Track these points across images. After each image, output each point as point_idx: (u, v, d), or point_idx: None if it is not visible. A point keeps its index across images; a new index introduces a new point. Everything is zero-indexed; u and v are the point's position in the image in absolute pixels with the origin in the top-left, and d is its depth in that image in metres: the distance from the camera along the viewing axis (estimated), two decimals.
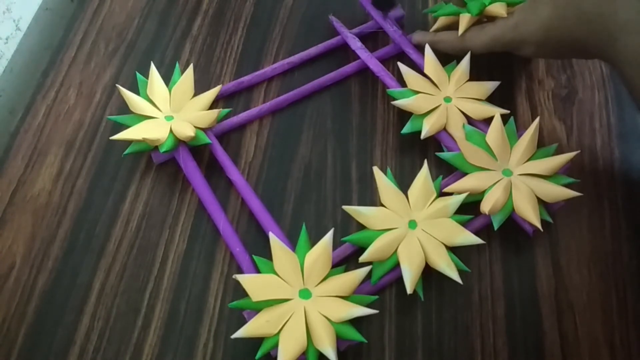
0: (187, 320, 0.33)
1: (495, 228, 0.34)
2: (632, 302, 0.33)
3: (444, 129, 0.38)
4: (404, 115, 0.39)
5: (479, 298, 0.34)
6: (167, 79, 0.40)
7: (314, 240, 0.32)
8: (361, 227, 0.34)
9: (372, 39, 0.45)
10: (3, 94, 0.44)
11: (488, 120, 0.38)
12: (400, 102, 0.39)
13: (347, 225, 0.36)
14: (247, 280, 0.31)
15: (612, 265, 0.35)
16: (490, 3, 0.39)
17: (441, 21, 0.42)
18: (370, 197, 0.37)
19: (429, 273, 0.33)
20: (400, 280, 0.33)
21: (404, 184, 0.36)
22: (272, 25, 0.46)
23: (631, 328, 0.33)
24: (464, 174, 0.36)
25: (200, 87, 0.41)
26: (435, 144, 0.39)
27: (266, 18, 0.47)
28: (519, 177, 0.35)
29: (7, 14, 0.44)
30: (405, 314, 0.33)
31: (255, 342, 0.31)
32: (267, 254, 0.32)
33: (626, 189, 0.37)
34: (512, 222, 0.35)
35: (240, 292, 0.33)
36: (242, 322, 0.31)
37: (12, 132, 0.40)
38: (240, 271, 0.34)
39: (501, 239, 0.36)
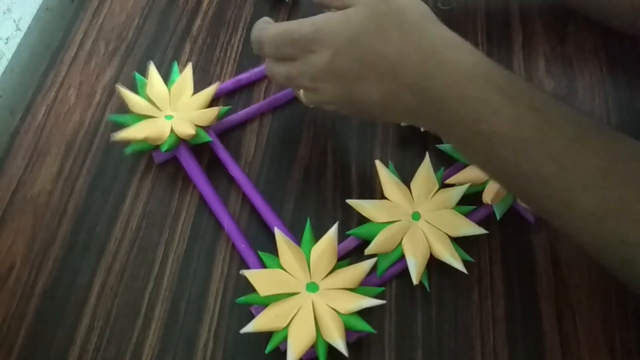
0: (187, 320, 0.33)
1: (498, 217, 0.35)
2: (632, 302, 0.33)
3: None
4: None
5: (479, 298, 0.34)
6: (167, 78, 0.40)
7: (315, 240, 0.33)
8: (362, 223, 0.34)
9: None
10: (3, 94, 0.44)
11: None
12: None
13: (348, 225, 0.36)
14: (254, 275, 0.31)
15: None
16: None
17: None
18: (371, 197, 0.37)
19: (429, 273, 0.33)
20: (400, 279, 0.33)
21: (405, 182, 0.36)
22: None
23: (631, 328, 0.33)
24: (465, 166, 0.36)
25: (200, 88, 0.41)
26: (434, 139, 0.39)
27: None
28: None
29: (7, 14, 0.44)
30: (406, 314, 0.33)
31: (256, 342, 0.31)
32: (270, 249, 0.32)
33: None
34: (512, 223, 0.35)
35: (240, 291, 0.33)
36: (243, 321, 0.31)
37: (12, 132, 0.40)
38: (245, 267, 0.34)
39: (502, 239, 0.36)
